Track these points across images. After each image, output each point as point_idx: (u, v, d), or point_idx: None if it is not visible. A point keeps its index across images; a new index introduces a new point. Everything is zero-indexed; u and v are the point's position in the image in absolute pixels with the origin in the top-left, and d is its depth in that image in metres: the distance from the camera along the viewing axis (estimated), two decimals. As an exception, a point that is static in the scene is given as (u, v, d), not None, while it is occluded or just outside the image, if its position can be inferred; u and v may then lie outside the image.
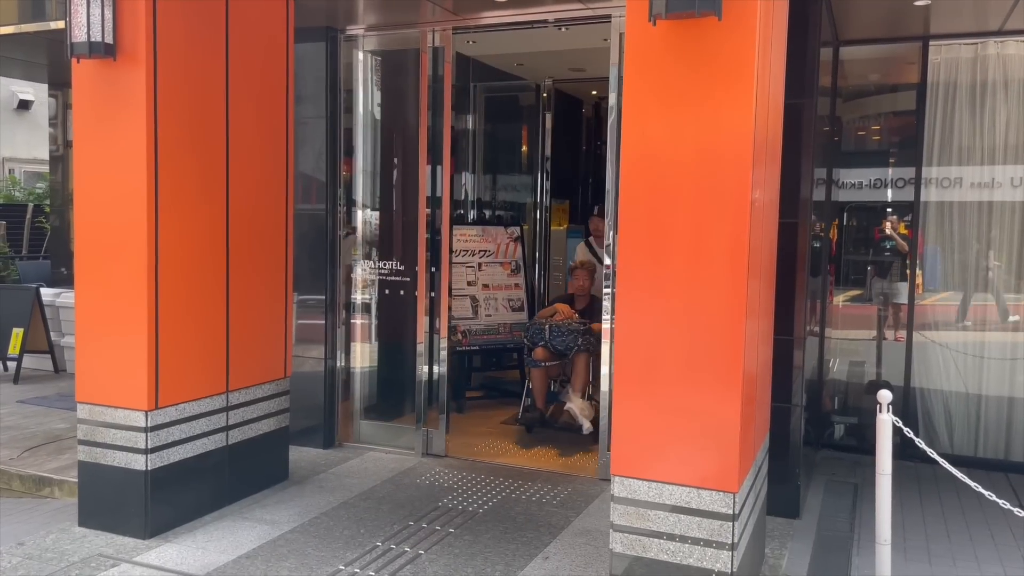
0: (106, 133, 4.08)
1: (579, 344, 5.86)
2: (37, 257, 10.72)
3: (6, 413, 6.42)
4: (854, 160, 6.04)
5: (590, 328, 5.91)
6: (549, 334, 5.87)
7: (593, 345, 5.79)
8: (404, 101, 5.95)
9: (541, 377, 6.00)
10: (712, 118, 3.00)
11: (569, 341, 5.86)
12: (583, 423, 5.73)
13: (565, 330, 5.87)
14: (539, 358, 5.91)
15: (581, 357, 5.91)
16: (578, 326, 5.89)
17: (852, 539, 4.27)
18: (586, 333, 5.89)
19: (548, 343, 5.88)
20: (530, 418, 6.04)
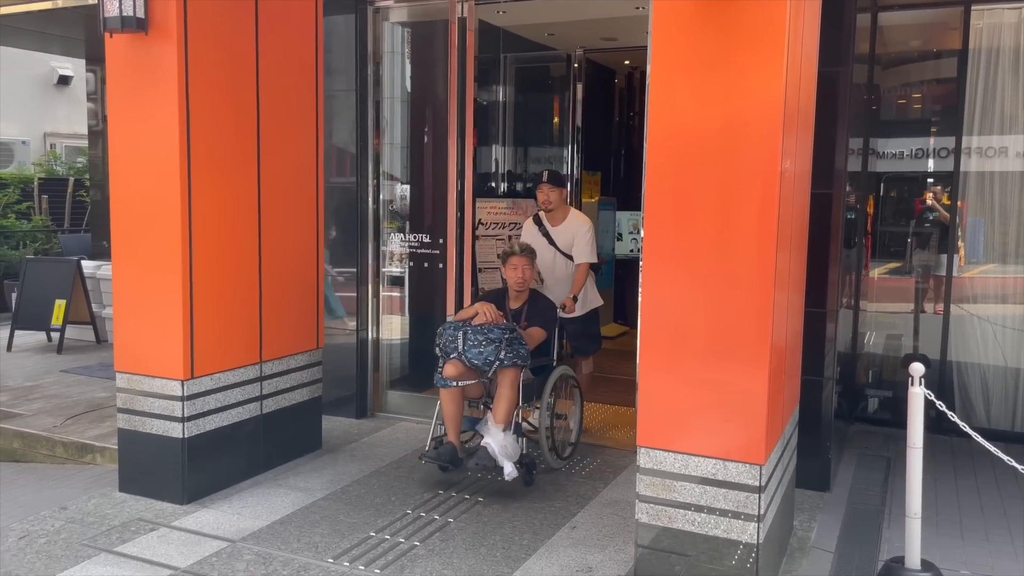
0: (139, 107, 4.14)
1: (502, 357, 4.35)
2: (78, 230, 10.95)
3: (50, 382, 6.60)
4: (893, 129, 5.90)
5: (518, 336, 4.46)
6: (463, 343, 4.42)
7: (524, 357, 4.44)
8: (433, 73, 5.93)
9: (453, 400, 4.49)
10: (741, 85, 2.95)
11: (488, 353, 4.35)
12: (504, 465, 4.28)
13: (483, 338, 4.39)
14: (449, 376, 4.43)
15: (507, 374, 4.39)
16: (502, 334, 4.39)
17: (883, 512, 4.24)
18: (513, 342, 4.39)
19: (462, 355, 4.44)
20: (439, 455, 4.38)
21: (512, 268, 4.78)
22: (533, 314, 4.81)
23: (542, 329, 4.75)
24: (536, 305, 4.86)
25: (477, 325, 4.45)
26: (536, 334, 4.70)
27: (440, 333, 4.56)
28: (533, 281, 4.99)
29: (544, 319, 4.78)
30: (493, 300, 4.79)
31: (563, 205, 5.36)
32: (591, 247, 5.27)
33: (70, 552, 3.73)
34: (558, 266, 5.34)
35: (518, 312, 4.85)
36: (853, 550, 3.82)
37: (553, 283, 5.36)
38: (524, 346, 4.45)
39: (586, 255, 5.26)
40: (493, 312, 4.54)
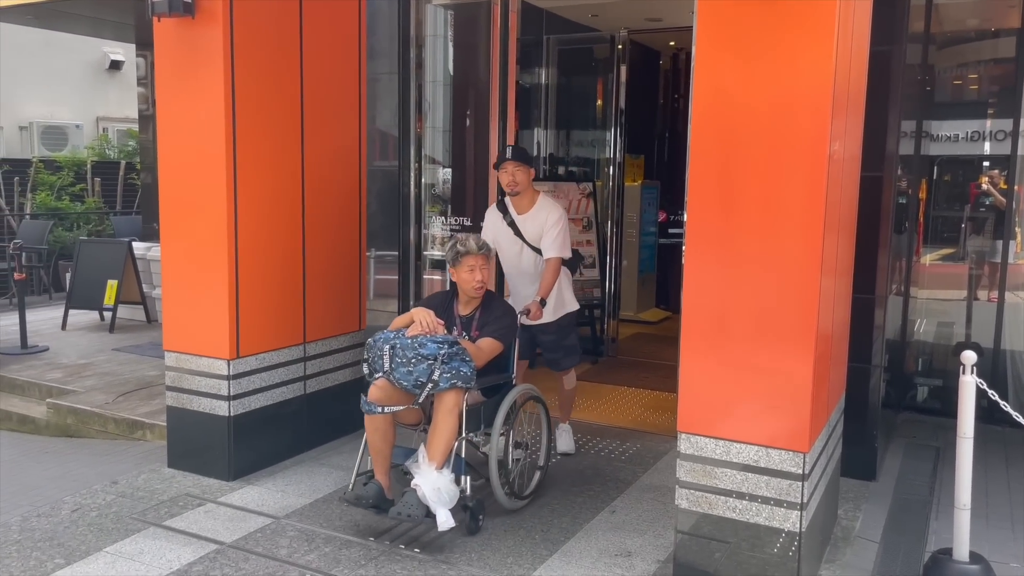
0: (186, 90, 4.20)
1: (436, 378, 3.56)
2: (130, 212, 11.20)
3: (103, 360, 6.79)
4: (948, 111, 5.72)
5: (460, 350, 3.65)
6: (391, 360, 3.63)
7: (467, 377, 3.63)
8: (475, 56, 5.91)
9: (379, 430, 3.69)
10: (789, 65, 2.88)
11: (420, 373, 3.56)
12: (438, 512, 3.47)
13: (414, 354, 3.57)
14: (374, 400, 3.62)
15: (444, 399, 3.60)
16: (437, 348, 3.58)
17: (931, 503, 4.15)
18: (453, 358, 3.60)
19: (389, 374, 3.67)
20: (360, 496, 3.64)
21: (468, 270, 3.94)
22: (487, 321, 3.99)
23: (496, 340, 3.93)
24: (490, 310, 4.02)
25: (409, 337, 3.65)
26: (488, 347, 3.90)
27: (369, 346, 3.76)
28: None
29: (500, 327, 3.96)
30: (437, 305, 4.02)
31: (531, 188, 4.48)
32: (563, 239, 4.40)
33: (120, 525, 3.83)
34: (525, 261, 4.52)
35: (468, 319, 4.03)
36: (899, 541, 3.75)
37: (519, 282, 4.60)
38: (468, 363, 3.64)
39: (556, 249, 4.36)
40: (430, 320, 3.74)
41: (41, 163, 10.96)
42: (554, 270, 4.35)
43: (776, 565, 3.06)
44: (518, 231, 4.50)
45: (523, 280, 4.58)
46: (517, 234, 4.50)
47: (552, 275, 4.34)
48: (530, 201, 4.48)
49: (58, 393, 5.90)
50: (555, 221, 4.39)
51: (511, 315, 4.08)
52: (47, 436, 5.60)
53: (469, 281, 3.95)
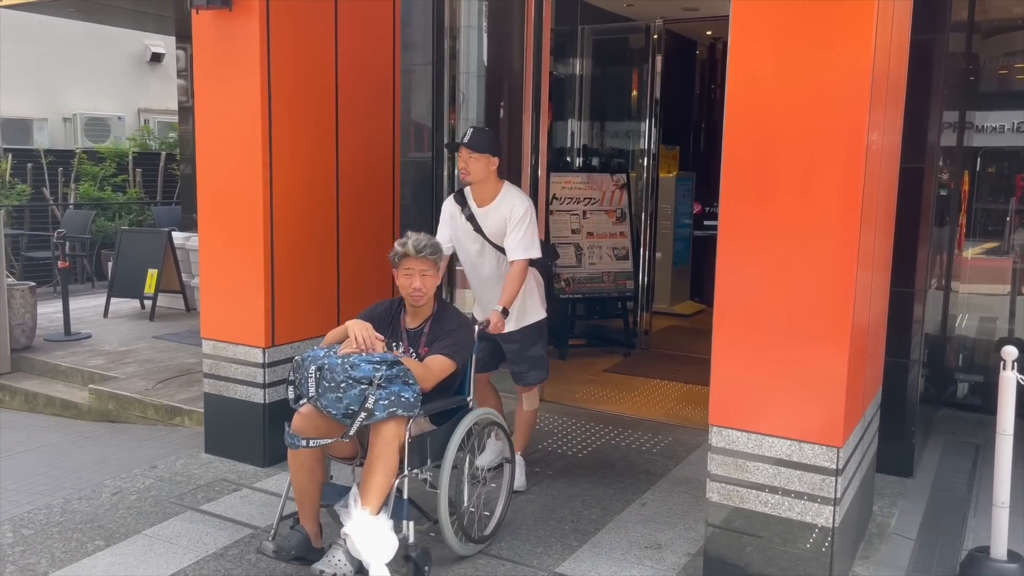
0: (223, 82, 4.26)
1: (371, 406, 2.98)
2: (170, 203, 11.39)
3: (143, 347, 6.93)
4: (992, 102, 5.57)
5: (402, 371, 3.07)
6: (317, 384, 3.05)
7: (410, 403, 3.06)
8: (509, 46, 5.90)
9: (304, 467, 3.17)
10: (826, 53, 2.83)
11: (351, 399, 2.99)
12: (371, 567, 2.90)
13: (345, 377, 2.99)
14: (298, 430, 3.10)
15: (382, 431, 3.04)
16: (372, 370, 3.00)
17: (969, 501, 4.08)
18: (393, 381, 3.04)
19: (317, 400, 3.07)
20: (281, 547, 3.13)
21: (406, 274, 3.38)
22: (437, 335, 3.41)
23: (447, 358, 3.33)
24: (442, 323, 3.45)
25: (340, 356, 3.07)
26: (438, 366, 3.31)
27: (296, 365, 3.16)
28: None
29: (452, 343, 3.37)
30: (380, 316, 3.48)
31: (492, 177, 3.86)
32: (530, 237, 3.81)
33: (159, 509, 3.92)
34: (487, 263, 3.94)
35: (416, 333, 3.46)
36: (935, 538, 3.69)
37: (481, 287, 4.04)
38: (411, 386, 3.08)
39: (522, 249, 3.78)
40: (366, 336, 3.17)
41: (84, 154, 11.19)
42: (519, 274, 3.76)
43: (808, 561, 3.03)
44: (478, 227, 3.88)
45: (485, 285, 3.99)
46: (477, 230, 3.89)
47: (517, 281, 3.75)
48: (492, 191, 3.86)
49: (100, 379, 6.04)
50: (521, 215, 3.78)
51: (466, 328, 3.50)
52: (89, 421, 5.74)
53: (406, 288, 3.40)
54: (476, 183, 3.85)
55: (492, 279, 3.95)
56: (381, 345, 3.22)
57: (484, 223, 3.89)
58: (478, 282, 4.05)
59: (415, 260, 3.38)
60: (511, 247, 3.80)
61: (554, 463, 4.51)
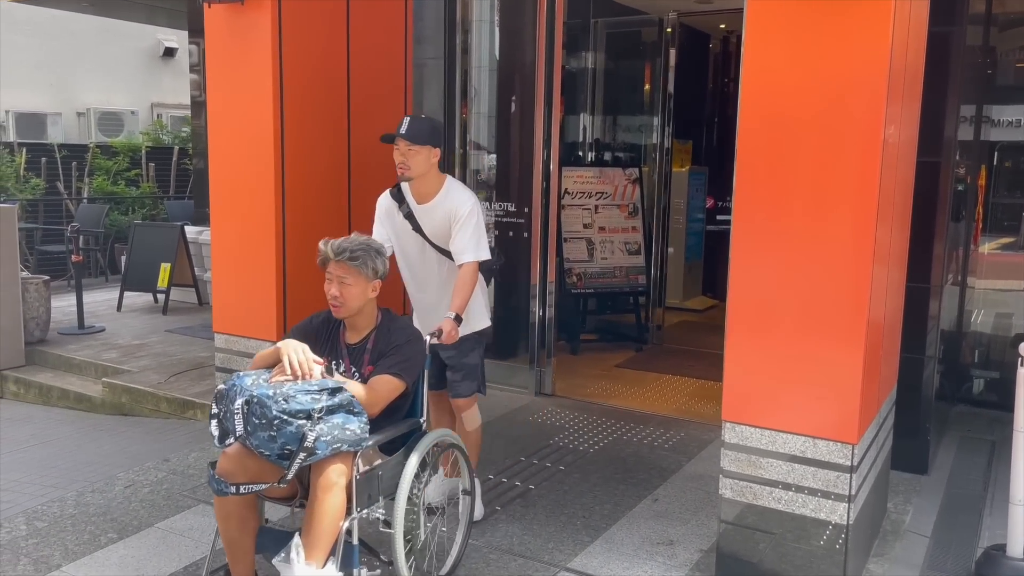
0: (235, 76, 4.26)
1: (310, 445, 2.58)
2: (182, 197, 11.44)
3: (156, 341, 6.96)
4: (1010, 95, 5.51)
5: (346, 399, 2.69)
6: (245, 421, 2.62)
7: (356, 438, 2.67)
8: (521, 41, 5.88)
9: (233, 516, 2.76)
10: (842, 46, 2.79)
11: (287, 437, 2.56)
12: None
13: (278, 412, 2.56)
14: (224, 473, 2.66)
15: (326, 471, 2.64)
16: (309, 403, 2.60)
17: (984, 498, 4.04)
18: (336, 412, 2.65)
19: (246, 439, 2.63)
20: None
21: (326, 279, 3.00)
22: (383, 351, 2.98)
23: (396, 377, 2.91)
24: (388, 336, 3.01)
25: (271, 385, 2.65)
26: (386, 387, 2.89)
27: (219, 395, 2.72)
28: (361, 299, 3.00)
29: (401, 359, 2.94)
30: (316, 332, 3.06)
31: (434, 172, 3.46)
32: (479, 237, 3.43)
33: (171, 502, 3.93)
34: (429, 266, 3.56)
35: (358, 349, 3.02)
36: (950, 536, 3.66)
37: (421, 293, 3.65)
38: (357, 415, 2.69)
39: (471, 249, 3.40)
40: (302, 359, 2.73)
41: (98, 148, 11.25)
42: (470, 278, 3.38)
43: (822, 558, 3.01)
44: (417, 226, 3.51)
45: (426, 291, 3.61)
46: (417, 230, 3.51)
47: (468, 285, 3.37)
48: (434, 186, 3.47)
49: (113, 372, 6.07)
50: (468, 213, 3.40)
51: (416, 341, 3.05)
52: (102, 414, 5.77)
53: (327, 295, 2.99)
54: (417, 178, 3.43)
55: (434, 284, 3.58)
56: (320, 369, 2.75)
57: (424, 222, 3.49)
58: (418, 288, 3.65)
59: (335, 265, 2.96)
60: (459, 249, 3.41)
61: (565, 458, 4.50)
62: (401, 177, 3.45)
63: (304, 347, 2.80)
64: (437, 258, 3.54)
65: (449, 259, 3.49)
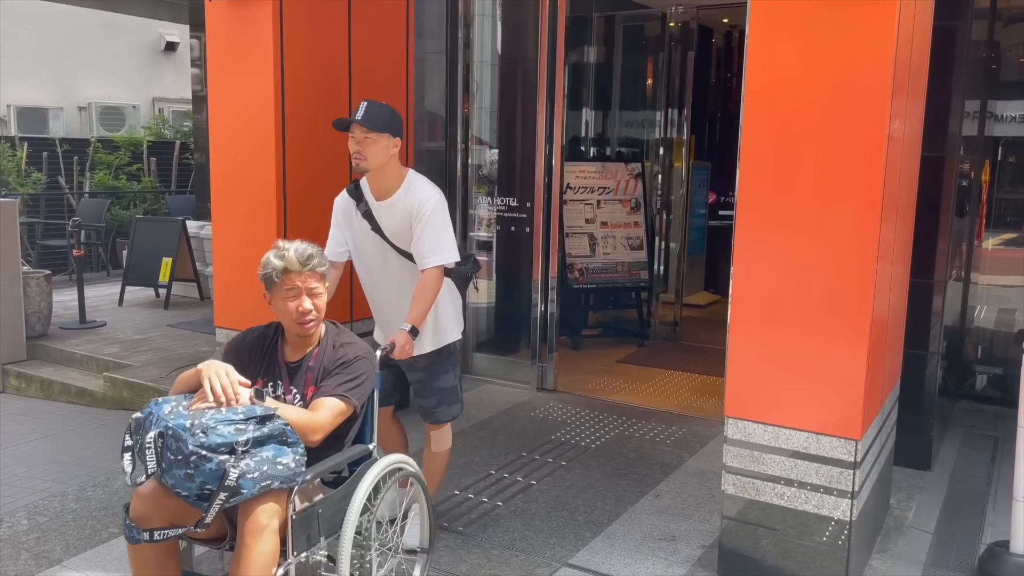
0: (236, 70, 4.25)
1: (233, 483, 2.28)
2: (184, 192, 11.42)
3: (157, 336, 6.95)
4: (1014, 91, 5.49)
5: (278, 429, 2.39)
6: (159, 456, 2.33)
7: (289, 473, 2.37)
8: (523, 35, 5.86)
9: (155, 560, 2.48)
10: (848, 39, 2.77)
11: (206, 476, 2.28)
12: None
13: (195, 447, 2.26)
14: (137, 518, 2.41)
15: (254, 513, 2.34)
16: (231, 436, 2.30)
17: (987, 494, 4.03)
18: (265, 444, 2.35)
19: (162, 475, 2.35)
20: None
21: (288, 295, 2.65)
22: (328, 369, 2.68)
23: (342, 399, 2.61)
24: (333, 352, 2.71)
25: (192, 414, 2.33)
26: (330, 411, 2.57)
27: (133, 426, 2.41)
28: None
29: (348, 379, 2.65)
30: (250, 349, 2.74)
31: (394, 164, 3.15)
32: (445, 237, 3.12)
33: (173, 496, 3.93)
34: (391, 272, 3.24)
35: (300, 368, 2.71)
36: (953, 532, 3.65)
37: (383, 302, 3.34)
38: (292, 446, 2.38)
39: (435, 252, 3.08)
40: (225, 383, 2.40)
41: (99, 143, 11.22)
42: (432, 285, 3.05)
43: (825, 554, 3.00)
44: (376, 226, 3.18)
45: (389, 300, 3.28)
46: (376, 230, 3.18)
47: (429, 293, 3.03)
48: (394, 181, 3.14)
49: (115, 367, 6.06)
50: (431, 211, 3.07)
51: (366, 357, 2.74)
52: (103, 409, 5.77)
53: (291, 314, 2.64)
54: (374, 171, 3.11)
55: (397, 293, 3.20)
56: (248, 393, 2.42)
57: (384, 221, 3.16)
58: (380, 297, 3.33)
59: (299, 275, 2.66)
60: (421, 251, 3.07)
61: (567, 454, 4.49)
62: (357, 168, 3.13)
63: (229, 368, 2.46)
64: (400, 263, 3.20)
65: (414, 263, 3.14)
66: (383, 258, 3.24)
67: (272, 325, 2.82)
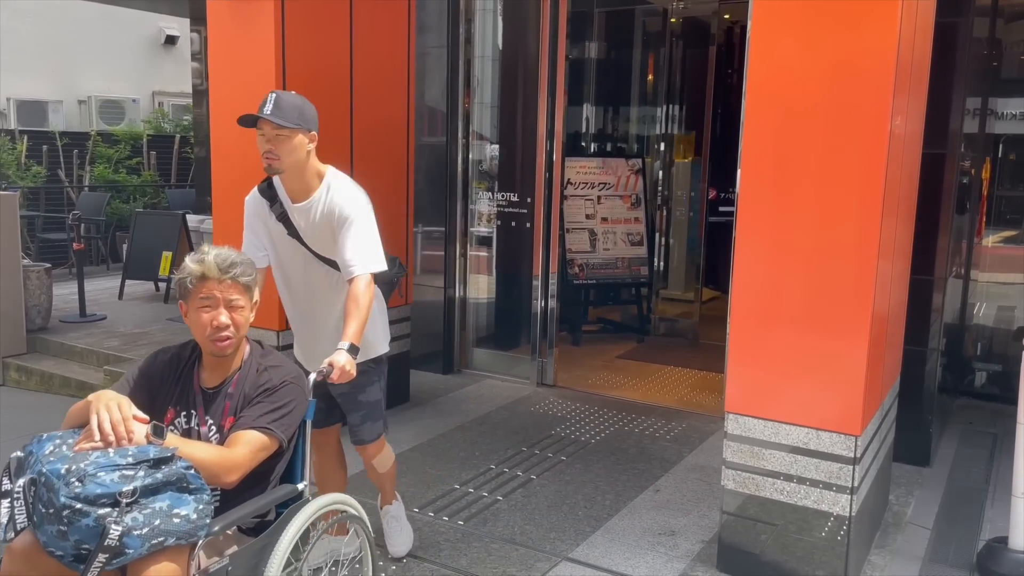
0: (237, 64, 4.24)
1: (115, 540, 1.86)
2: (184, 186, 11.41)
3: (157, 329, 6.95)
4: (1015, 88, 5.49)
5: (177, 473, 1.97)
6: (31, 507, 1.95)
7: (190, 527, 1.96)
8: (525, 30, 5.86)
9: None
10: (850, 36, 2.78)
11: (83, 533, 1.86)
12: None
13: (69, 498, 1.86)
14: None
15: (149, 570, 1.93)
16: (115, 485, 1.89)
17: (986, 491, 4.04)
18: (164, 489, 1.95)
19: (35, 528, 1.95)
20: None
21: (203, 306, 2.30)
22: (250, 397, 2.32)
23: (264, 432, 2.25)
24: (257, 377, 2.35)
25: (75, 455, 1.94)
26: (248, 446, 2.21)
27: (15, 463, 2.04)
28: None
29: (273, 407, 2.30)
30: (160, 375, 2.38)
31: (311, 162, 2.83)
32: (370, 242, 2.77)
33: (174, 490, 3.93)
34: (314, 283, 2.92)
35: (215, 395, 2.35)
36: (952, 528, 3.66)
37: (303, 317, 3.02)
38: (195, 494, 1.99)
39: (362, 259, 2.74)
40: (117, 419, 2.02)
41: (99, 136, 11.21)
42: (364, 297, 2.67)
43: (824, 549, 3.01)
44: (294, 231, 2.83)
45: (310, 315, 2.96)
46: (294, 235, 2.84)
47: (364, 304, 2.66)
48: (311, 181, 2.82)
49: (115, 360, 6.07)
50: (354, 214, 2.75)
51: (294, 383, 2.37)
52: (104, 402, 5.76)
53: (204, 328, 2.29)
54: (289, 171, 2.75)
55: (320, 307, 2.90)
56: (144, 430, 2.03)
57: (302, 226, 2.82)
58: (302, 311, 2.98)
59: (218, 283, 2.29)
60: (347, 260, 2.71)
61: (567, 449, 4.50)
62: (269, 169, 2.73)
63: (122, 401, 2.06)
64: (324, 273, 2.86)
65: (339, 271, 2.80)
66: (303, 267, 2.89)
67: (189, 344, 2.43)
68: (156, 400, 2.33)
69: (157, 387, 2.37)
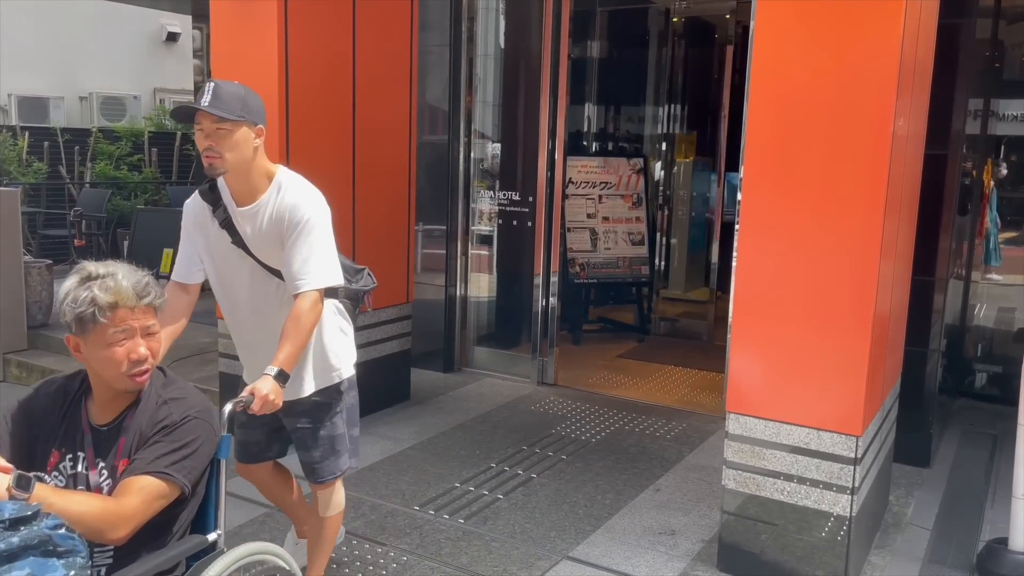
0: (240, 62, 4.24)
1: None
2: (185, 183, 11.40)
3: (158, 327, 6.95)
4: (1017, 90, 5.49)
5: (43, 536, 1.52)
6: None
7: None
8: (527, 29, 5.86)
9: None
10: (854, 36, 2.78)
11: None
12: None
13: None
14: None
15: None
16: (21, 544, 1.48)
17: (986, 492, 4.04)
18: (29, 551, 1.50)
19: None
20: None
21: (117, 338, 1.99)
22: (146, 435, 2.01)
23: (160, 477, 1.94)
24: (154, 413, 2.04)
25: None
26: (140, 496, 1.91)
27: None
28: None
29: (172, 448, 1.99)
30: (44, 412, 2.08)
31: (258, 160, 2.50)
32: (322, 253, 2.47)
33: (174, 487, 3.93)
34: (260, 296, 2.58)
35: (107, 434, 2.05)
36: (952, 529, 3.66)
37: (250, 335, 2.68)
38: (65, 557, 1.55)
39: (310, 272, 2.43)
40: None
41: (100, 133, 11.21)
42: (307, 314, 2.38)
43: (824, 549, 3.01)
44: (239, 239, 2.51)
45: (258, 335, 2.60)
46: (238, 244, 2.51)
47: (305, 325, 2.37)
48: (259, 182, 2.50)
49: (116, 357, 6.06)
50: (306, 220, 2.44)
51: (198, 418, 2.05)
52: (105, 399, 5.76)
53: (119, 364, 1.99)
54: (233, 171, 2.43)
55: (269, 327, 2.49)
56: (6, 481, 1.74)
57: (247, 232, 2.50)
58: (247, 331, 2.66)
59: (132, 312, 1.98)
60: (295, 270, 2.41)
61: (567, 447, 4.51)
62: (210, 169, 2.40)
63: None
64: (274, 288, 2.53)
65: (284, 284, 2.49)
66: (249, 281, 2.54)
67: (77, 376, 2.12)
68: (38, 441, 2.01)
69: (39, 426, 2.03)
